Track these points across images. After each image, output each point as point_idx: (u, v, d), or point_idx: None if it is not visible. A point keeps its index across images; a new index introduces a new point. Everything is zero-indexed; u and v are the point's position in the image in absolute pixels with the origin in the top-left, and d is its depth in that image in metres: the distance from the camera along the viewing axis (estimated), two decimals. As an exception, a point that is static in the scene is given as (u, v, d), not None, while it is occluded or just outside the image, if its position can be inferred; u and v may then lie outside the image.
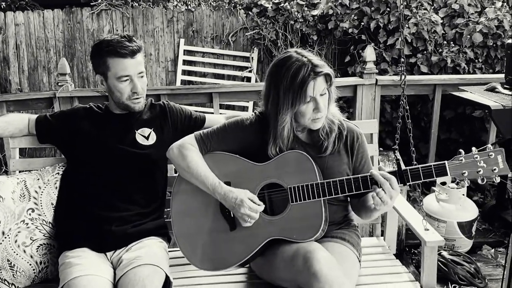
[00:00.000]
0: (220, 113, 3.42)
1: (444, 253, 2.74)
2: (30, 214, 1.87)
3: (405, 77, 2.05)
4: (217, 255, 1.73)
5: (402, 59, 2.10)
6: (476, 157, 1.56)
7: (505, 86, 2.87)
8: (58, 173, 1.97)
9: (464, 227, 2.91)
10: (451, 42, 3.73)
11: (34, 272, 1.86)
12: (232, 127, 1.78)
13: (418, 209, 2.97)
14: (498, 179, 1.56)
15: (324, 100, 1.65)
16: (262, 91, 1.75)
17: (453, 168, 1.57)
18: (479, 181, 1.56)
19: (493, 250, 2.98)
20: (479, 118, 3.57)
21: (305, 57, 1.62)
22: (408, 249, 2.99)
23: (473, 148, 1.57)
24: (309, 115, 1.65)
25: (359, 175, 1.64)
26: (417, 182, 1.60)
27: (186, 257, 1.77)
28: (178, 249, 1.97)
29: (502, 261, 2.82)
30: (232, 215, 1.72)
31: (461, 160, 1.56)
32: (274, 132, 1.69)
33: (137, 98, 1.89)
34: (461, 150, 1.58)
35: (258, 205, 1.67)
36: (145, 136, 1.93)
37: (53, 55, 5.14)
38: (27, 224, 1.86)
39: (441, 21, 3.74)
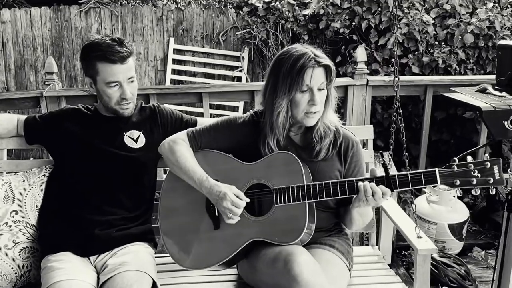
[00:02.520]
0: (210, 113, 3.39)
1: (435, 255, 2.73)
2: (13, 217, 1.84)
3: (398, 79, 2.00)
4: (200, 254, 1.71)
5: (395, 61, 2.06)
6: (470, 166, 1.49)
7: (496, 87, 2.86)
8: (45, 175, 1.95)
9: (455, 229, 2.91)
10: (443, 43, 3.73)
11: (16, 276, 1.83)
12: (224, 125, 1.78)
13: (409, 211, 2.97)
14: (493, 191, 1.48)
15: (321, 96, 1.64)
16: (262, 86, 1.75)
17: (443, 176, 1.50)
18: (473, 191, 1.50)
19: (483, 252, 2.99)
20: (470, 119, 3.57)
21: (308, 48, 1.64)
22: (398, 251, 2.98)
23: (469, 157, 1.51)
24: (304, 106, 1.63)
25: (346, 180, 1.61)
26: (405, 189, 1.55)
27: (169, 254, 1.76)
28: (164, 255, 1.96)
29: (492, 263, 2.82)
30: (217, 214, 1.71)
31: (453, 168, 1.50)
32: (271, 119, 1.67)
33: (125, 104, 1.85)
34: (455, 158, 1.52)
35: (243, 200, 1.64)
36: (134, 139, 1.90)
37: (40, 54, 5.08)
38: (10, 226, 1.83)
39: (433, 22, 3.74)
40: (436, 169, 1.51)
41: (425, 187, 3.07)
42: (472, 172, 1.48)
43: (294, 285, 1.46)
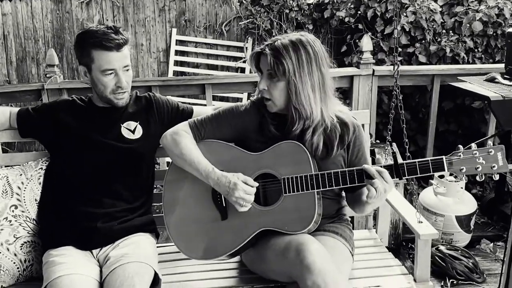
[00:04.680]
0: (213, 105, 3.35)
1: (442, 248, 2.71)
2: (13, 211, 1.83)
3: (398, 66, 2.03)
4: (207, 245, 1.71)
5: (395, 48, 2.07)
6: (475, 153, 1.54)
7: (505, 76, 2.81)
8: (42, 168, 1.93)
9: (463, 221, 2.88)
10: (450, 31, 3.67)
11: (19, 271, 1.82)
12: (226, 113, 1.77)
13: (416, 204, 2.94)
14: (497, 177, 1.55)
15: (267, 82, 1.66)
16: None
17: (450, 163, 1.55)
18: (478, 178, 1.55)
19: (491, 244, 2.96)
20: (478, 109, 3.52)
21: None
22: (405, 243, 2.95)
23: (473, 144, 1.56)
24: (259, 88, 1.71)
25: (354, 168, 1.62)
26: (413, 176, 1.58)
27: (176, 246, 1.76)
28: (166, 244, 1.99)
29: (501, 256, 2.80)
30: (224, 204, 1.70)
31: (460, 155, 1.55)
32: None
33: (120, 93, 1.83)
34: (460, 145, 1.56)
35: (253, 187, 1.64)
36: (131, 130, 1.88)
37: (41, 46, 5.06)
38: (10, 221, 1.82)
39: (440, 9, 3.69)
40: (443, 157, 1.55)
41: (433, 178, 3.03)
42: (477, 159, 1.53)
43: (307, 274, 1.46)
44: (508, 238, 1.82)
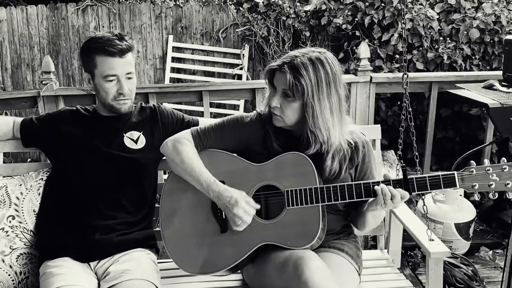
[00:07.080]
0: (210, 112, 3.34)
1: (442, 256, 2.69)
2: (10, 222, 1.81)
3: (407, 76, 1.94)
4: (206, 258, 1.66)
5: (402, 58, 2.00)
6: (489, 170, 1.48)
7: (503, 83, 2.81)
8: (42, 179, 1.91)
9: (461, 229, 2.86)
10: (448, 38, 3.68)
11: (14, 283, 1.79)
12: (230, 124, 1.73)
13: (414, 210, 2.92)
14: (511, 195, 1.49)
15: (281, 100, 1.59)
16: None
17: (462, 179, 1.49)
18: (490, 195, 1.49)
19: (491, 251, 2.95)
20: (476, 116, 3.53)
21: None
22: (404, 251, 2.93)
23: (486, 160, 1.51)
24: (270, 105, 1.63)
25: (362, 182, 1.57)
26: (423, 192, 1.54)
27: (172, 259, 1.70)
28: (167, 260, 1.92)
29: (501, 263, 2.79)
30: (224, 217, 1.65)
31: (472, 171, 1.49)
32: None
33: (123, 100, 1.81)
34: (472, 161, 1.51)
35: (254, 208, 1.60)
36: (134, 140, 1.86)
37: (37, 53, 5.03)
38: (6, 232, 1.80)
39: (437, 17, 3.70)
40: (455, 172, 1.50)
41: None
42: (490, 176, 1.47)
43: None
44: (508, 245, 1.80)
